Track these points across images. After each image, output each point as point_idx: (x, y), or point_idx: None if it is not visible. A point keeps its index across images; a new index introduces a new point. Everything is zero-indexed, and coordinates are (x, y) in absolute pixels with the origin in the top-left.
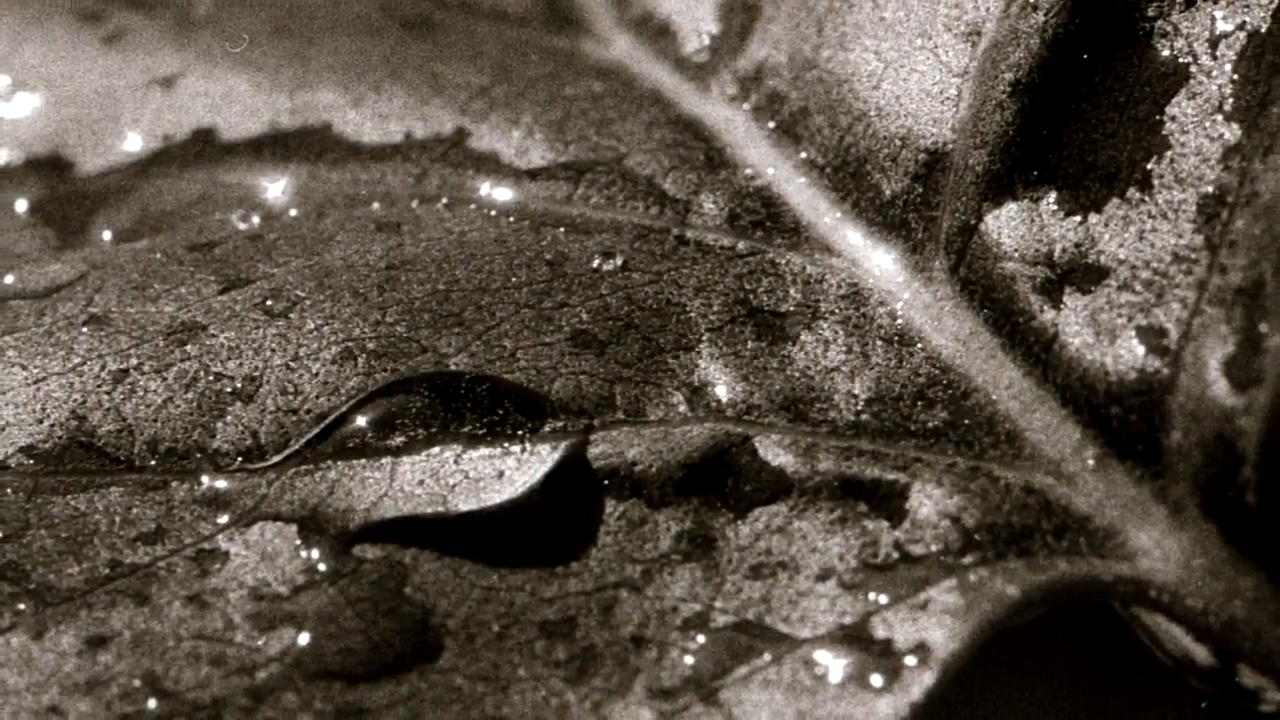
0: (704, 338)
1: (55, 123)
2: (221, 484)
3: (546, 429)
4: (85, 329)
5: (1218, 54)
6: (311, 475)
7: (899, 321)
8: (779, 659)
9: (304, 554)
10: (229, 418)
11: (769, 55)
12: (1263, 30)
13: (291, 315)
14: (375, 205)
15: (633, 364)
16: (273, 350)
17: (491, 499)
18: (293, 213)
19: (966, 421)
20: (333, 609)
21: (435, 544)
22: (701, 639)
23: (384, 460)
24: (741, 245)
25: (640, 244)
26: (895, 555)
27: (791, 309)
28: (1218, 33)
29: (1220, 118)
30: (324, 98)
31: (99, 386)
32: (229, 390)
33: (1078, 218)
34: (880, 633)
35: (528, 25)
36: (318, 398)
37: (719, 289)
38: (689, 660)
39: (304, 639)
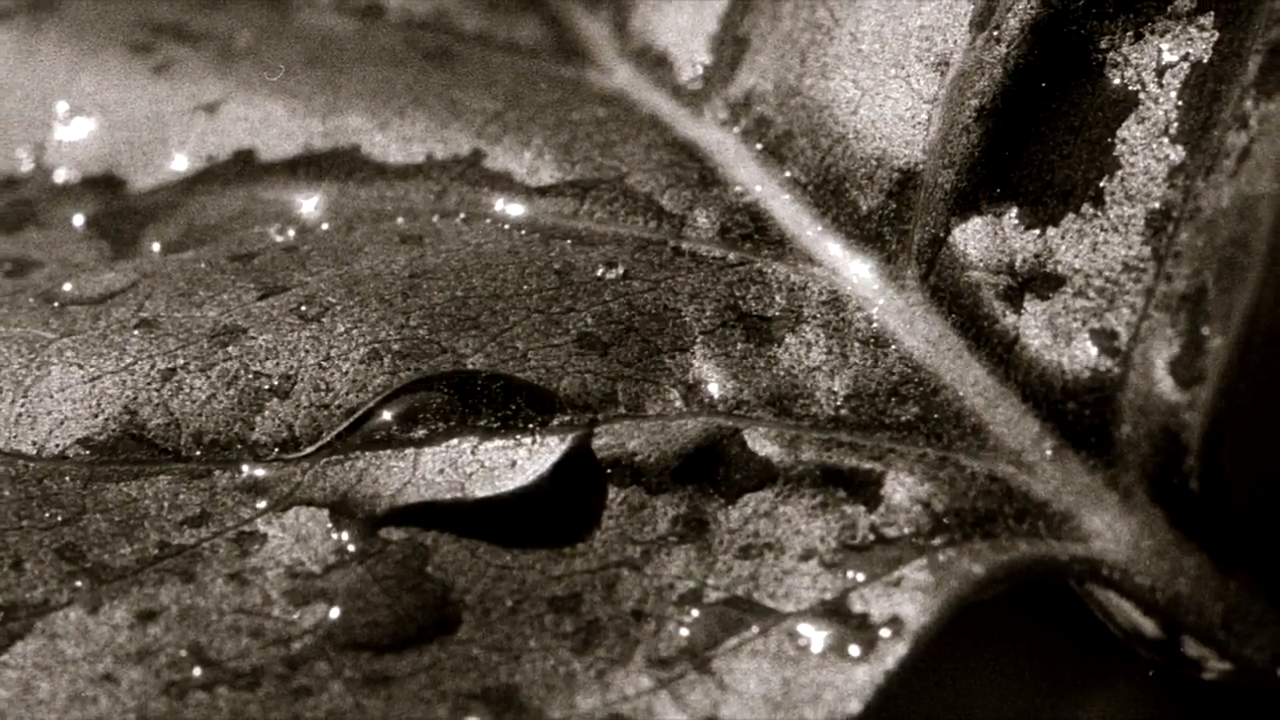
0: (698, 340)
1: (109, 145)
2: (260, 472)
3: (555, 422)
4: (136, 332)
5: (1164, 82)
6: (342, 465)
7: (874, 325)
8: (766, 631)
9: (335, 536)
10: (267, 412)
11: (757, 83)
12: (1204, 61)
13: (324, 319)
14: (399, 220)
15: (633, 363)
16: (307, 351)
17: (505, 486)
18: (324, 226)
19: (936, 416)
20: (361, 586)
21: (454, 527)
22: (695, 613)
23: (407, 451)
24: (732, 256)
25: (640, 255)
26: (871, 537)
27: (777, 314)
28: (1164, 63)
29: (1166, 140)
30: (353, 122)
31: (149, 384)
32: (267, 387)
33: (1037, 231)
34: (858, 607)
35: (538, 56)
36: (347, 394)
37: (711, 296)
38: (684, 632)
39: (335, 613)
